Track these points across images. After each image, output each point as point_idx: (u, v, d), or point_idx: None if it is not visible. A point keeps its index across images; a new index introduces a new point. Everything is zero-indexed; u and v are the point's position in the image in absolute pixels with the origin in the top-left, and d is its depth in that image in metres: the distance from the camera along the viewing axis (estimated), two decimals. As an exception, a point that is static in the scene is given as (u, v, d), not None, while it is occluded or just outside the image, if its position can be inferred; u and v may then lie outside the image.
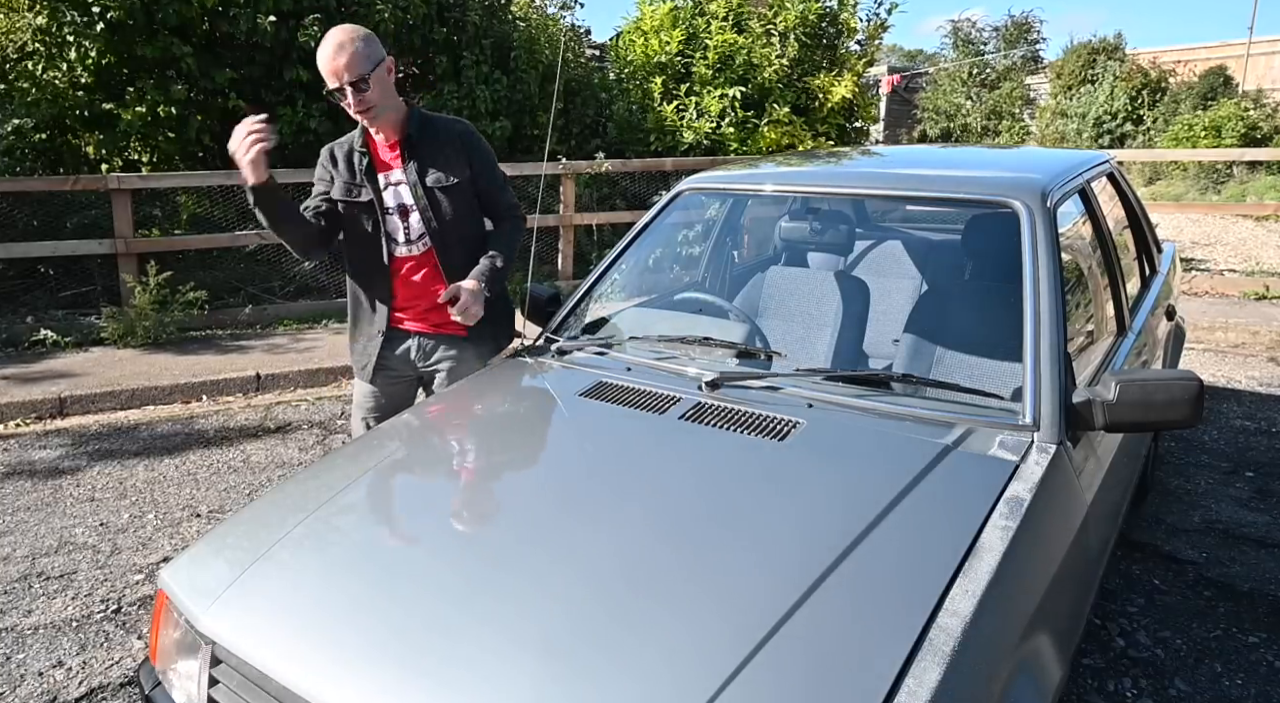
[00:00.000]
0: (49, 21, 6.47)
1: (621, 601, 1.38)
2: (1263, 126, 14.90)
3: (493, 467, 1.93)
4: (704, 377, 2.05)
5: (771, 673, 1.21)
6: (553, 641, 1.30)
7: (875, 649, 1.24)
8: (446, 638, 1.33)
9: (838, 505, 1.59)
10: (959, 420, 1.85)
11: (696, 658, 1.24)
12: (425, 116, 2.51)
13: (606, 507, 1.64)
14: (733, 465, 1.76)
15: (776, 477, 1.72)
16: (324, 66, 2.28)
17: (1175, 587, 2.94)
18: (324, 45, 2.28)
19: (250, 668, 1.39)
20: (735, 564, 1.45)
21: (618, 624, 1.33)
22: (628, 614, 1.35)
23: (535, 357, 2.38)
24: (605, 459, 1.86)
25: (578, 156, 8.21)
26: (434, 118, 2.53)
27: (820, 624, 1.29)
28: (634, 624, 1.33)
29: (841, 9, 10.00)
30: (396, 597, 1.43)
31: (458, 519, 1.68)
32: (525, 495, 1.73)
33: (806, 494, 1.66)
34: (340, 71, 2.28)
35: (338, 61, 2.27)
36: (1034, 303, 1.96)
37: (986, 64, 22.72)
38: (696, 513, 1.60)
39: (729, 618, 1.31)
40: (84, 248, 6.07)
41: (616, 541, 1.53)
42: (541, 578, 1.44)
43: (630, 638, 1.30)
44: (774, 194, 2.70)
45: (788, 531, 1.52)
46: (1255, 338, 6.08)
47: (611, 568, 1.46)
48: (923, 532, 1.50)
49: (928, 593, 1.34)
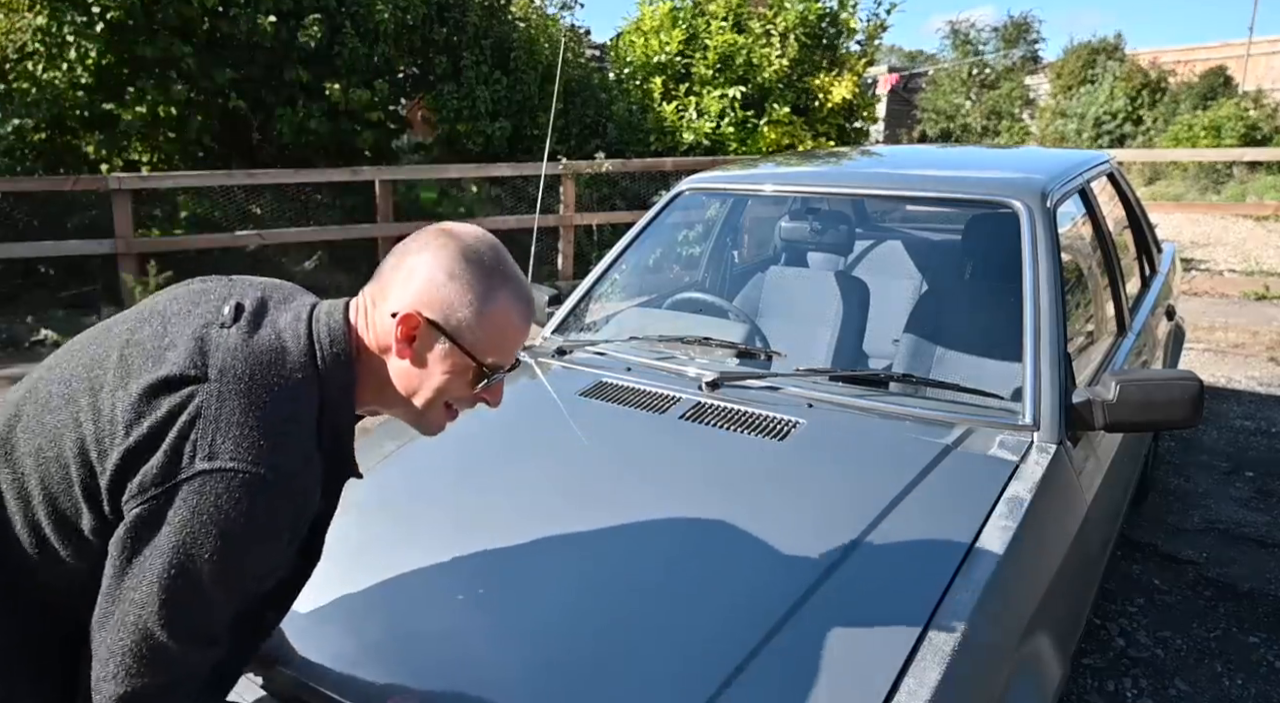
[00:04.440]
0: (49, 21, 6.47)
1: (622, 597, 1.39)
2: (1263, 127, 14.90)
3: (493, 465, 1.92)
4: (704, 377, 2.05)
5: (772, 672, 1.21)
6: (552, 634, 1.31)
7: (876, 649, 1.24)
8: (447, 633, 1.34)
9: (837, 506, 1.59)
10: (959, 421, 1.85)
11: (698, 656, 1.24)
12: None
13: (606, 505, 1.63)
14: (733, 465, 1.76)
15: (776, 477, 1.72)
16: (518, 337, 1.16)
17: (1175, 587, 2.94)
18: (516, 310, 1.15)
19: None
20: (736, 563, 1.45)
21: (618, 620, 1.33)
22: (629, 611, 1.35)
23: (535, 357, 2.38)
24: (605, 458, 1.86)
25: (578, 157, 8.21)
26: None
27: (821, 625, 1.29)
28: (634, 621, 1.33)
29: (841, 9, 10.00)
30: (400, 590, 1.43)
31: (457, 515, 1.68)
32: (524, 493, 1.73)
33: (807, 494, 1.66)
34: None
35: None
36: (1034, 303, 1.96)
37: (986, 64, 22.72)
38: (696, 513, 1.60)
39: (730, 616, 1.31)
40: (84, 248, 6.06)
41: (617, 539, 1.52)
42: (541, 575, 1.44)
43: (631, 634, 1.30)
44: (774, 194, 2.70)
45: (788, 530, 1.52)
46: (1255, 338, 6.07)
47: (612, 566, 1.46)
48: (923, 532, 1.50)
49: (928, 593, 1.34)
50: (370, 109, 7.53)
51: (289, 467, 0.97)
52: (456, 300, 1.06)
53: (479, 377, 1.10)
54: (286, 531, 1.00)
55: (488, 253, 1.09)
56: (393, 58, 7.74)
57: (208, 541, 0.93)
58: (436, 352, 1.07)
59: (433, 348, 1.07)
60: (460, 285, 1.06)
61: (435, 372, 1.08)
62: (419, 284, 1.07)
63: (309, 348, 1.05)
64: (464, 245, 1.08)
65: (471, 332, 1.07)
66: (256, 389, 0.98)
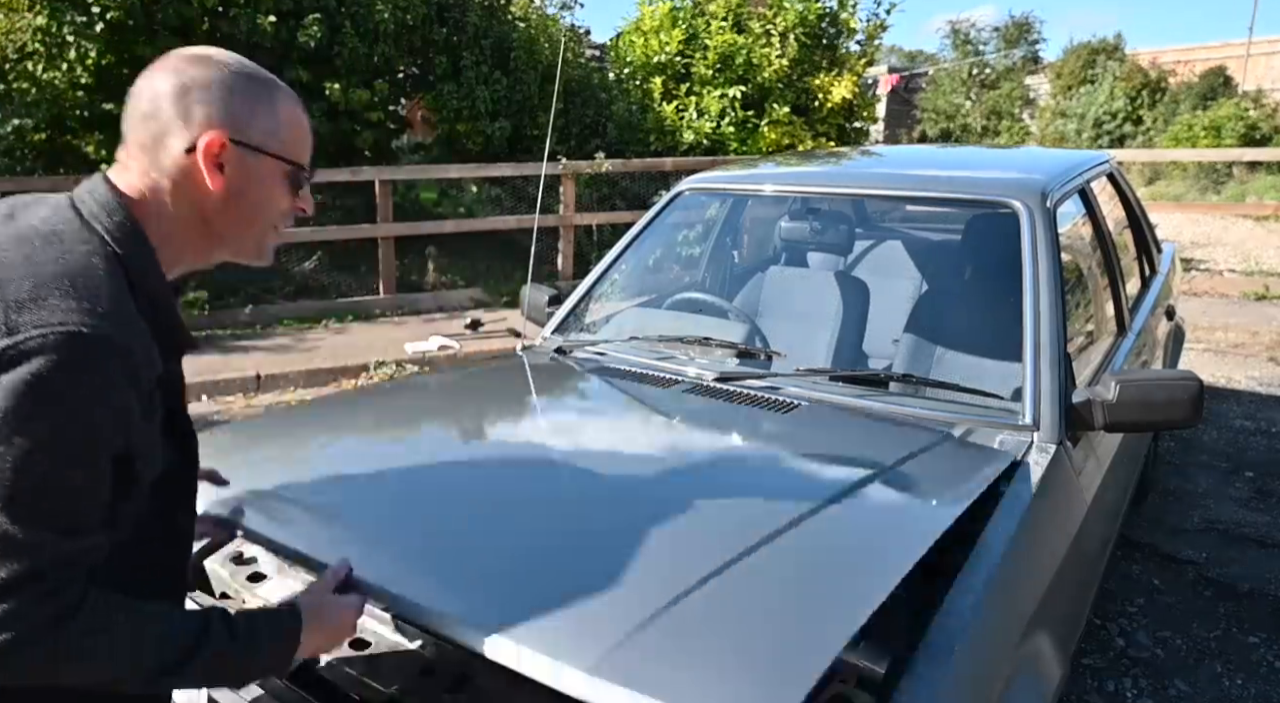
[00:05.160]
0: (49, 22, 6.47)
1: (603, 514, 1.48)
2: (1263, 127, 14.91)
3: (487, 438, 1.98)
4: (704, 377, 2.05)
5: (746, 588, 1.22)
6: (534, 534, 1.39)
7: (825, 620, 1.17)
8: (430, 529, 1.45)
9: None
10: (959, 421, 1.85)
11: (666, 563, 1.27)
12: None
13: (599, 459, 1.72)
14: (735, 430, 1.85)
15: (776, 440, 1.77)
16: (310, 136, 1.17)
17: (1175, 587, 2.94)
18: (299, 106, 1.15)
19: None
20: (724, 509, 1.50)
21: (595, 530, 1.41)
22: (608, 525, 1.43)
23: (535, 357, 2.38)
24: (601, 431, 1.92)
25: (578, 157, 8.21)
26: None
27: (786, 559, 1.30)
28: (612, 532, 1.39)
29: (841, 9, 10.00)
30: (413, 502, 1.51)
31: (458, 472, 1.71)
32: (516, 460, 1.78)
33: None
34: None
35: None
36: (1034, 303, 1.96)
37: (986, 64, 22.72)
38: (695, 468, 1.68)
39: (686, 555, 1.31)
40: (84, 248, 6.07)
41: (605, 482, 1.61)
42: (530, 498, 1.54)
43: (607, 540, 1.37)
44: (774, 194, 2.70)
45: (773, 491, 1.58)
46: (1255, 338, 6.08)
47: (596, 495, 1.56)
48: (912, 519, 1.50)
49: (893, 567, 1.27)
50: (370, 109, 7.54)
51: (104, 324, 0.89)
52: (249, 112, 1.03)
53: (296, 182, 1.09)
54: (132, 395, 0.92)
55: (248, 63, 1.08)
56: (393, 58, 7.74)
57: (40, 413, 0.85)
58: (249, 169, 1.04)
59: (244, 167, 1.03)
60: (246, 97, 1.03)
61: (254, 190, 1.05)
62: (204, 112, 1.01)
63: (85, 225, 0.97)
64: (225, 61, 1.05)
65: (276, 137, 1.05)
66: (39, 266, 0.91)
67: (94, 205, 0.99)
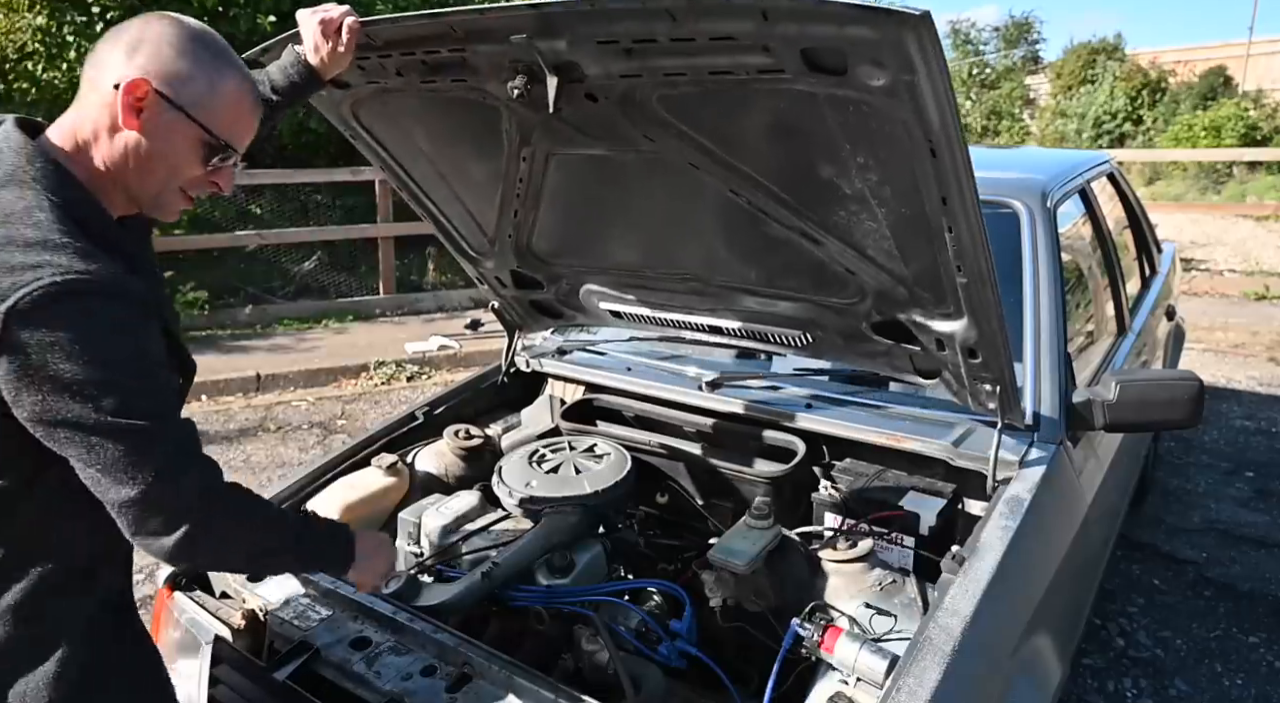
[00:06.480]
0: (49, 21, 6.48)
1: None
2: (1263, 127, 14.89)
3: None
4: (705, 377, 2.05)
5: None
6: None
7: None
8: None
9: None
10: (959, 420, 1.84)
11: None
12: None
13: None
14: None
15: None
16: (250, 121, 1.16)
17: (1175, 587, 2.94)
18: (247, 92, 1.15)
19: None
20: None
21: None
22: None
23: (535, 357, 2.38)
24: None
25: (578, 157, 8.19)
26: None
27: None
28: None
29: (841, 9, 9.99)
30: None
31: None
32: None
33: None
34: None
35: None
36: (1034, 303, 1.96)
37: (986, 64, 22.72)
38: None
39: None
40: (84, 248, 6.06)
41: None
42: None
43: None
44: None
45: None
46: (1255, 338, 6.07)
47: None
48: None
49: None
50: (370, 109, 7.52)
51: (92, 267, 0.95)
52: (187, 73, 1.05)
53: (211, 152, 1.09)
54: (153, 311, 1.02)
55: (214, 38, 1.11)
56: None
57: (92, 349, 0.94)
58: (164, 123, 1.05)
59: (161, 119, 1.04)
60: (191, 60, 1.06)
61: (161, 143, 1.06)
62: (145, 58, 1.04)
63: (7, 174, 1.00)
64: (190, 27, 1.08)
65: (205, 106, 1.06)
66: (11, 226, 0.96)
67: (3, 148, 1.02)
